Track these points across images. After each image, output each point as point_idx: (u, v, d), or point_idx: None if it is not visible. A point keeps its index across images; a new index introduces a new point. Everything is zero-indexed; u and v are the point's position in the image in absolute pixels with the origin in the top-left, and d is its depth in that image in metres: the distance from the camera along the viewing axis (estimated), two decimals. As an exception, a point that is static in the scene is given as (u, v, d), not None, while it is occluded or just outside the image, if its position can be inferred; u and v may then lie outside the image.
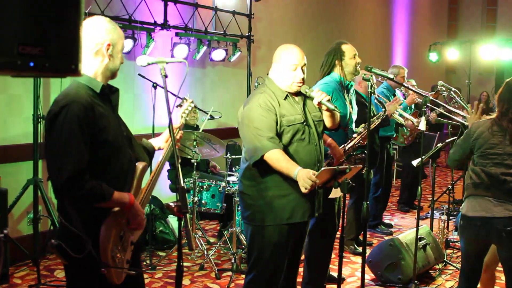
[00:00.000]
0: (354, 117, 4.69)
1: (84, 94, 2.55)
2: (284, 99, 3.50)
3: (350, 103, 4.61)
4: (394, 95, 6.40)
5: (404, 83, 6.02)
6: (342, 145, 4.48)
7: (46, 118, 2.57)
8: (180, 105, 3.32)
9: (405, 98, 6.77)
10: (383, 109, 5.46)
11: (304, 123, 3.50)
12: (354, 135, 4.60)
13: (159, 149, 3.13)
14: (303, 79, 3.51)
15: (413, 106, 6.90)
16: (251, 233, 3.55)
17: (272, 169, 3.37)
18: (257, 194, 3.47)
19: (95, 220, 2.54)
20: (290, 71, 3.49)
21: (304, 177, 3.20)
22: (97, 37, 2.60)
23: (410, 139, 7.21)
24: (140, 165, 2.79)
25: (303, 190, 3.23)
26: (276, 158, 3.32)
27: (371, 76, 4.01)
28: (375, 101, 6.02)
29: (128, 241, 2.72)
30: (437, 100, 6.25)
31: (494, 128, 3.63)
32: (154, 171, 2.93)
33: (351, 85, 4.64)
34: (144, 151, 3.00)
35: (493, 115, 3.71)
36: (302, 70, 3.51)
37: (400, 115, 6.10)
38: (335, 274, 4.54)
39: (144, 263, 5.20)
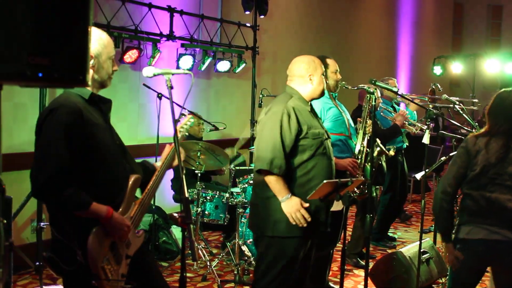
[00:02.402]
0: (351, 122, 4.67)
1: (75, 100, 2.57)
2: (309, 111, 3.57)
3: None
4: (393, 107, 6.41)
5: (400, 93, 6.02)
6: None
7: (37, 122, 2.58)
8: (178, 120, 3.32)
9: (404, 108, 6.77)
10: (392, 122, 5.50)
11: (325, 138, 3.55)
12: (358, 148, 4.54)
13: None
14: None
15: (415, 112, 6.88)
16: (265, 244, 3.53)
17: (288, 184, 3.41)
18: (273, 205, 3.45)
19: (86, 230, 2.52)
20: (323, 78, 3.65)
21: (293, 206, 3.35)
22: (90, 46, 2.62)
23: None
24: (132, 177, 2.77)
25: (288, 216, 3.35)
26: (275, 179, 3.38)
27: (375, 89, 4.02)
28: (381, 114, 6.03)
29: (122, 254, 2.69)
30: (440, 113, 6.25)
31: (493, 145, 3.36)
32: (150, 183, 2.90)
33: (335, 96, 4.65)
34: (141, 168, 2.96)
35: (483, 130, 3.47)
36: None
37: (410, 124, 6.11)
38: (337, 287, 4.53)
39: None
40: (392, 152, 4.74)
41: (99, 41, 2.68)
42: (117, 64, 2.84)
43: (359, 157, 4.37)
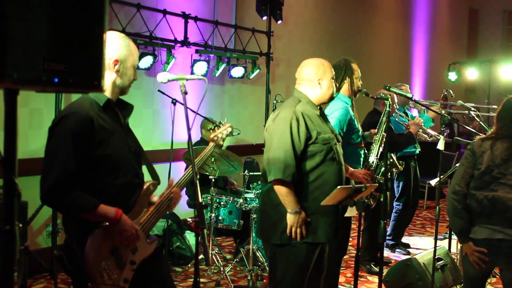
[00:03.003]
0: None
1: (88, 106, 2.58)
2: (319, 115, 3.51)
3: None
4: (405, 113, 6.39)
5: (414, 99, 6.00)
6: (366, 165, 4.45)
7: (49, 127, 2.61)
8: (214, 129, 3.31)
9: (418, 114, 6.75)
10: (406, 129, 5.49)
11: (335, 143, 3.51)
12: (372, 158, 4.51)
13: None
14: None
15: (432, 118, 6.86)
16: (274, 252, 3.50)
17: (298, 190, 3.38)
18: (282, 213, 3.40)
19: (88, 234, 2.54)
20: (332, 83, 3.59)
21: (298, 221, 3.33)
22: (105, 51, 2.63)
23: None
24: (147, 183, 2.77)
25: (288, 228, 3.36)
26: (287, 190, 3.34)
27: (389, 95, 4.01)
28: (396, 120, 6.01)
29: (126, 259, 2.67)
30: (454, 118, 6.22)
31: (498, 147, 3.47)
32: (166, 192, 2.88)
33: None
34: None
35: (489, 133, 3.60)
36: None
37: (424, 132, 6.08)
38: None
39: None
40: (401, 167, 4.70)
41: (126, 47, 2.69)
42: (134, 71, 2.85)
43: (372, 168, 4.36)
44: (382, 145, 4.41)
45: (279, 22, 7.50)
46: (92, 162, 2.53)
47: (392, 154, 4.46)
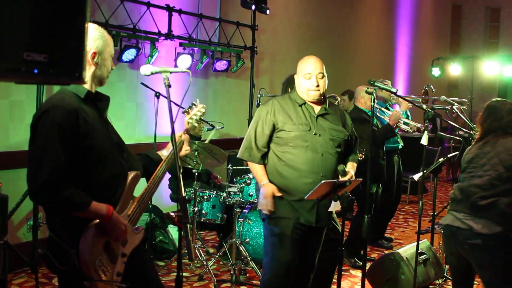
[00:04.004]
0: None
1: (69, 99, 2.53)
2: (300, 105, 3.76)
3: None
4: (387, 108, 6.41)
5: (396, 94, 6.03)
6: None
7: (30, 124, 2.54)
8: (187, 111, 3.28)
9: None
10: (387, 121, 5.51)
11: (309, 131, 3.68)
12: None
13: None
14: (317, 86, 3.72)
15: (409, 112, 6.89)
16: (264, 226, 3.86)
17: (275, 170, 3.73)
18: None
19: (80, 231, 2.50)
20: (306, 80, 3.74)
21: (266, 195, 3.67)
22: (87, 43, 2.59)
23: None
24: (130, 174, 2.75)
25: (259, 207, 3.74)
26: (255, 167, 3.81)
27: (374, 89, 4.02)
28: (377, 114, 6.03)
29: (117, 253, 2.67)
30: (437, 114, 6.25)
31: (479, 144, 3.73)
32: (150, 181, 2.87)
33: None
34: (146, 159, 2.96)
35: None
36: (316, 79, 3.72)
37: (405, 123, 6.11)
38: (334, 287, 4.52)
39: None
40: (361, 155, 4.75)
41: (102, 38, 2.67)
42: (115, 63, 2.82)
43: None
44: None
45: (268, 12, 7.47)
46: (78, 156, 2.49)
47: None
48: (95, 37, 2.64)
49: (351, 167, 3.88)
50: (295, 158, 3.65)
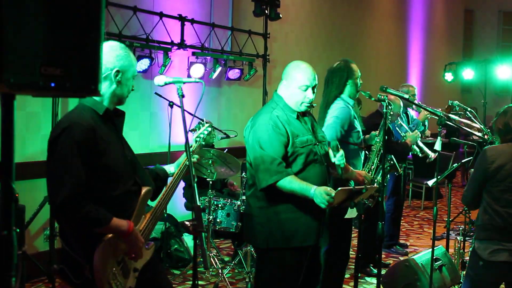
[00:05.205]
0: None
1: (88, 116, 2.56)
2: (296, 118, 3.47)
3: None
4: (406, 114, 6.40)
5: (416, 102, 6.02)
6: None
7: (48, 140, 2.57)
8: (194, 129, 3.31)
9: (417, 116, 6.78)
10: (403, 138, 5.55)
11: (316, 144, 3.47)
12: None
13: (173, 175, 3.06)
14: (312, 100, 3.47)
15: (426, 122, 6.88)
16: (262, 256, 3.47)
17: (282, 192, 3.30)
18: (268, 217, 3.38)
19: (94, 245, 2.52)
20: (301, 92, 3.44)
21: (322, 194, 3.17)
22: (107, 62, 2.61)
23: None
24: (143, 189, 2.77)
25: (321, 206, 3.19)
26: (289, 181, 3.26)
27: (386, 96, 4.02)
28: (396, 129, 6.03)
29: (130, 268, 2.69)
30: (453, 119, 6.24)
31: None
32: (164, 192, 2.90)
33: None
34: (153, 175, 2.97)
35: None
36: (313, 91, 3.46)
37: (417, 145, 6.06)
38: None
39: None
40: (401, 171, 4.73)
41: (127, 58, 2.70)
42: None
43: (371, 169, 4.37)
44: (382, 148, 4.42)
45: (280, 16, 7.45)
46: (93, 173, 2.52)
47: (392, 157, 4.46)
48: (121, 56, 2.67)
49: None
50: (308, 174, 3.39)
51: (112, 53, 2.62)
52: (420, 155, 6.16)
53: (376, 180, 4.36)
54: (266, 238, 3.39)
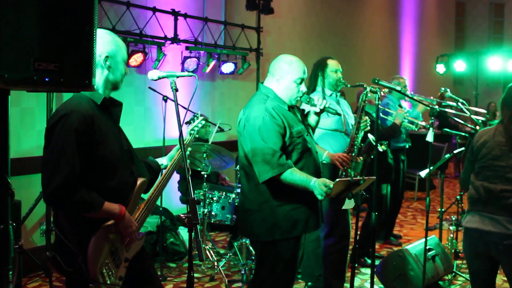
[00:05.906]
0: (351, 121, 4.69)
1: (86, 105, 2.57)
2: (287, 110, 3.50)
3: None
4: (400, 106, 6.44)
5: (408, 93, 6.05)
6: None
7: (46, 127, 2.57)
8: (189, 122, 3.34)
9: (411, 108, 6.81)
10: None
11: (307, 134, 3.52)
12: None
13: (165, 167, 3.09)
14: (304, 93, 3.53)
15: (420, 114, 6.92)
16: (263, 249, 3.49)
17: (282, 184, 3.32)
18: (271, 209, 3.40)
19: (88, 234, 2.54)
20: (296, 85, 3.47)
21: (321, 185, 3.22)
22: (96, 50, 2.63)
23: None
24: (138, 180, 2.79)
25: (319, 197, 3.25)
26: (290, 173, 3.29)
27: (378, 88, 4.05)
28: (380, 114, 6.05)
29: (121, 258, 2.72)
30: (445, 111, 6.28)
31: (498, 138, 3.46)
32: (157, 184, 2.93)
33: (338, 94, 4.74)
34: (145, 167, 2.98)
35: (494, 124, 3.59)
36: (304, 83, 3.53)
37: (410, 122, 6.12)
38: (347, 285, 4.57)
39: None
40: (383, 147, 4.79)
41: (114, 43, 2.71)
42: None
43: (352, 151, 4.40)
44: (364, 129, 4.47)
45: (273, 10, 7.48)
46: (90, 162, 2.53)
47: (370, 136, 4.48)
48: (107, 41, 2.68)
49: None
50: (305, 164, 3.45)
51: (99, 40, 2.59)
52: (415, 128, 6.19)
53: (357, 159, 4.40)
54: (270, 230, 3.40)
